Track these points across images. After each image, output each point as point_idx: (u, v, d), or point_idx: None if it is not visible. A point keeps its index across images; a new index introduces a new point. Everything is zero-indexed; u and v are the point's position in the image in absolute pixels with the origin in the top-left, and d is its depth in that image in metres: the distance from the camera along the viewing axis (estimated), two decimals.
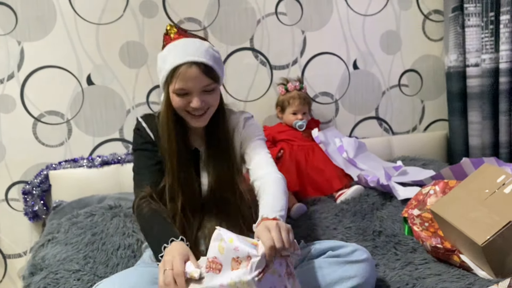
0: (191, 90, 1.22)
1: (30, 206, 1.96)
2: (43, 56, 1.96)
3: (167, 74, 1.22)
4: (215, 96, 1.26)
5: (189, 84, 1.21)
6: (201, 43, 1.25)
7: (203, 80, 1.21)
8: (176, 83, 1.21)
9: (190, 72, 1.20)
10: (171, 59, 1.22)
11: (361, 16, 2.24)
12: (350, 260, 1.14)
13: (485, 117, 2.11)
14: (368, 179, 1.82)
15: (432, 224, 1.44)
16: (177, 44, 1.25)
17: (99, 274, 1.33)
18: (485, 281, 1.19)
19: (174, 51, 1.23)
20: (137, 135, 1.34)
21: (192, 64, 1.20)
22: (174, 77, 1.21)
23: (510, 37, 1.97)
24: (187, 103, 1.23)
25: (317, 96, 2.26)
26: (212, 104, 1.26)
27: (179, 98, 1.23)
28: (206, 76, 1.21)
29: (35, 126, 1.99)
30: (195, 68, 1.20)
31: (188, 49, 1.22)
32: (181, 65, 1.20)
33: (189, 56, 1.20)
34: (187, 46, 1.23)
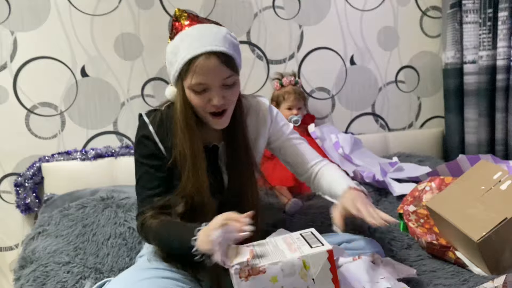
0: (210, 85, 1.07)
1: (22, 198, 1.94)
2: (36, 47, 1.93)
3: (181, 67, 1.07)
4: (236, 90, 1.12)
5: (208, 78, 1.06)
6: (218, 29, 1.09)
7: (224, 72, 1.06)
8: (193, 78, 1.05)
9: (209, 63, 1.04)
10: (185, 50, 1.06)
11: (359, 11, 2.23)
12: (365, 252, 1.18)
13: (482, 114, 2.10)
14: (363, 175, 1.81)
15: (427, 221, 1.43)
16: (190, 32, 1.08)
17: (89, 265, 1.31)
18: (480, 278, 1.19)
19: (188, 40, 1.06)
20: (142, 144, 1.17)
21: (210, 54, 1.04)
22: (190, 71, 1.05)
23: (508, 34, 1.96)
24: (207, 101, 1.09)
25: (313, 92, 2.25)
26: (233, 100, 1.13)
27: (197, 96, 1.08)
28: (227, 67, 1.06)
29: (28, 118, 1.96)
30: (214, 58, 1.04)
31: (204, 37, 1.06)
32: (198, 56, 1.04)
33: (207, 46, 1.04)
34: (203, 33, 1.07)
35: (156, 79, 2.05)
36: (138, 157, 1.19)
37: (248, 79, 2.16)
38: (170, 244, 1.08)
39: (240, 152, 1.20)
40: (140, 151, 1.18)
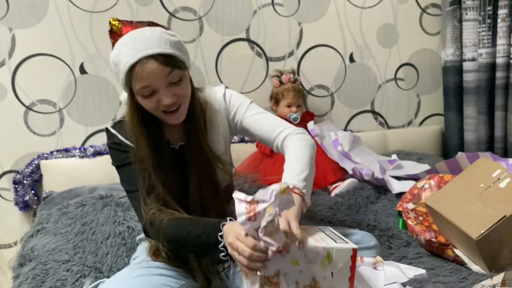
0: (156, 87, 1.08)
1: (21, 196, 1.94)
2: (35, 44, 1.92)
3: (124, 77, 1.08)
4: (185, 85, 1.13)
5: (151, 81, 1.07)
6: (151, 31, 1.09)
7: (164, 71, 1.07)
8: (137, 84, 1.07)
9: (148, 68, 1.05)
10: (124, 59, 1.07)
11: (358, 9, 2.22)
12: (361, 247, 1.17)
13: (481, 112, 2.10)
14: (363, 172, 1.81)
15: (426, 218, 1.44)
16: (125, 41, 1.08)
17: (88, 264, 1.31)
18: (479, 276, 1.19)
19: (124, 49, 1.07)
20: (116, 150, 1.18)
21: (147, 58, 1.05)
22: (132, 79, 1.06)
23: (507, 31, 1.96)
24: (158, 102, 1.10)
25: (313, 89, 2.24)
26: (184, 95, 1.13)
27: (146, 99, 1.10)
28: (167, 67, 1.07)
29: (27, 115, 1.96)
30: (152, 62, 1.05)
31: (138, 43, 1.06)
32: (136, 63, 1.05)
33: (142, 51, 1.05)
34: (136, 40, 1.07)
35: None
36: (116, 163, 1.20)
37: (247, 77, 2.15)
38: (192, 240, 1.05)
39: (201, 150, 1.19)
40: (115, 157, 1.20)
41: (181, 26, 2.04)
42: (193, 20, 2.05)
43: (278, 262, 0.91)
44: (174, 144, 1.23)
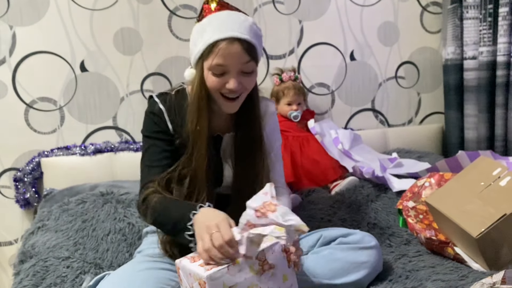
0: (229, 69, 1.11)
1: (22, 193, 1.94)
2: (35, 41, 1.92)
3: (204, 48, 1.11)
4: (252, 78, 1.16)
5: (228, 61, 1.10)
6: (245, 18, 1.14)
7: (244, 58, 1.11)
8: (214, 59, 1.10)
9: (232, 48, 1.09)
10: (211, 32, 1.10)
11: (359, 7, 2.22)
12: (362, 247, 1.20)
13: (482, 110, 2.10)
14: (363, 170, 1.81)
15: (426, 216, 1.44)
16: (219, 16, 1.13)
17: (88, 260, 1.32)
18: (479, 274, 1.19)
19: (215, 23, 1.11)
20: (151, 120, 1.20)
21: (235, 40, 1.09)
22: (212, 52, 1.09)
23: (508, 29, 1.96)
24: (223, 84, 1.12)
25: (313, 87, 2.24)
26: (248, 87, 1.16)
27: (214, 77, 1.12)
28: (248, 55, 1.11)
29: (27, 113, 1.96)
30: (237, 44, 1.09)
31: (231, 23, 1.10)
32: (223, 39, 1.08)
33: (233, 31, 1.09)
34: (230, 19, 1.12)
35: (156, 74, 2.05)
36: (145, 132, 1.21)
37: None
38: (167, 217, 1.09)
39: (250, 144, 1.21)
40: (148, 127, 1.21)
41: (182, 24, 2.04)
42: (194, 18, 2.05)
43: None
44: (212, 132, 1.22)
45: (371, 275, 1.21)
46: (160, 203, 1.11)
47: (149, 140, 1.20)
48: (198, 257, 0.97)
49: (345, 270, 1.17)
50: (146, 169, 1.19)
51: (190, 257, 1.00)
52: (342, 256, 1.18)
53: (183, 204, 1.09)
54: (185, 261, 0.99)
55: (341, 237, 1.24)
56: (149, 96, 1.24)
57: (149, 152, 1.20)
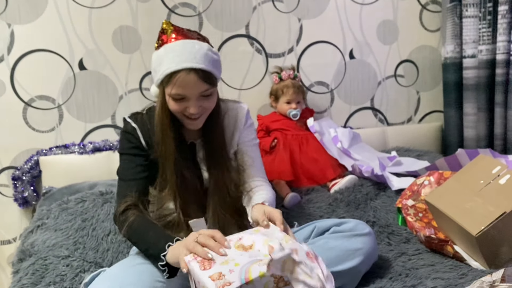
0: (188, 97, 1.18)
1: (20, 192, 1.94)
2: (34, 40, 1.91)
3: (163, 77, 1.18)
4: (212, 100, 1.24)
5: (186, 91, 1.17)
6: (200, 46, 1.19)
7: (201, 87, 1.18)
8: (173, 89, 1.17)
9: (188, 79, 1.15)
10: (168, 63, 1.17)
11: (358, 5, 2.22)
12: (355, 234, 1.23)
13: (481, 109, 2.10)
14: (362, 169, 1.81)
15: (426, 215, 1.44)
16: (174, 47, 1.19)
17: (88, 259, 1.31)
18: (478, 272, 1.19)
19: (171, 54, 1.17)
20: (125, 139, 1.28)
21: (190, 70, 1.15)
22: (170, 83, 1.17)
23: (507, 28, 1.96)
24: (184, 108, 1.20)
25: (312, 86, 2.24)
26: (209, 108, 1.24)
27: (175, 102, 1.19)
28: (205, 83, 1.18)
29: (26, 111, 1.95)
30: (193, 75, 1.16)
31: (186, 54, 1.17)
32: (179, 71, 1.15)
33: (188, 62, 1.16)
34: (185, 49, 1.18)
35: None
36: (121, 150, 1.29)
37: (247, 73, 2.15)
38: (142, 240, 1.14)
39: (216, 148, 1.30)
40: (123, 145, 1.29)
41: (181, 22, 2.03)
42: (193, 16, 2.05)
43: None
44: (186, 140, 1.32)
45: (366, 262, 1.22)
46: (137, 223, 1.16)
47: (125, 157, 1.28)
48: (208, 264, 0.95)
49: (340, 258, 1.18)
50: (123, 182, 1.26)
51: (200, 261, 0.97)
52: (336, 244, 1.20)
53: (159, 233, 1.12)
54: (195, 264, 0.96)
55: (335, 226, 1.27)
56: (123, 118, 1.31)
57: (125, 167, 1.27)
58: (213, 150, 1.30)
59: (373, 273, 1.24)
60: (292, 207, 1.71)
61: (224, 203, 1.28)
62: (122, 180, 1.26)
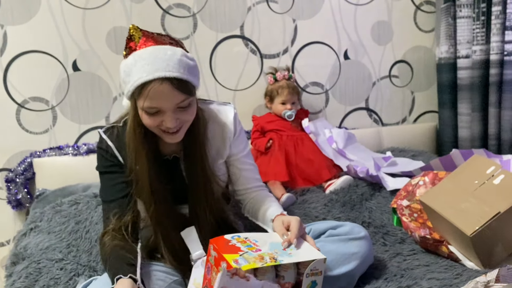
0: (163, 109, 1.06)
1: (13, 194, 1.92)
2: (27, 41, 1.90)
3: (133, 89, 1.05)
4: (191, 111, 1.11)
5: (160, 103, 1.04)
6: (173, 52, 1.06)
7: (177, 98, 1.05)
8: (145, 102, 1.04)
9: (161, 89, 1.02)
10: (138, 73, 1.03)
11: (353, 6, 2.22)
12: (351, 237, 1.21)
13: (475, 109, 2.11)
14: (357, 169, 1.81)
15: (421, 215, 1.44)
16: (143, 55, 1.05)
17: (82, 262, 1.30)
18: (473, 272, 1.19)
19: (141, 63, 1.04)
20: (102, 156, 1.19)
21: (163, 80, 1.02)
22: (142, 95, 1.04)
23: (501, 28, 1.97)
24: (160, 122, 1.08)
25: (307, 86, 2.24)
26: (187, 120, 1.12)
27: (149, 117, 1.07)
28: (181, 92, 1.05)
29: (19, 113, 1.94)
30: (166, 84, 1.03)
31: (157, 62, 1.03)
32: (150, 81, 1.02)
33: (160, 71, 1.02)
34: (156, 57, 1.04)
35: None
36: (99, 168, 1.21)
37: (242, 74, 2.14)
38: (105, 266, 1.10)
39: (196, 164, 1.19)
40: (100, 163, 1.20)
41: (175, 23, 2.03)
42: (187, 17, 2.04)
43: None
44: (167, 155, 1.22)
45: (362, 266, 1.21)
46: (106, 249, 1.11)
47: (104, 175, 1.20)
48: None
49: (336, 262, 1.17)
50: (105, 205, 1.18)
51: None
52: (332, 248, 1.18)
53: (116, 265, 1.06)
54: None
55: (331, 229, 1.25)
56: (98, 132, 1.22)
57: (104, 187, 1.20)
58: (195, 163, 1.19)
59: (368, 274, 1.24)
60: (287, 207, 1.71)
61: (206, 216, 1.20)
62: (104, 202, 1.19)
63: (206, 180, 1.21)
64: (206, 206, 1.20)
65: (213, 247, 1.00)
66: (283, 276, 1.03)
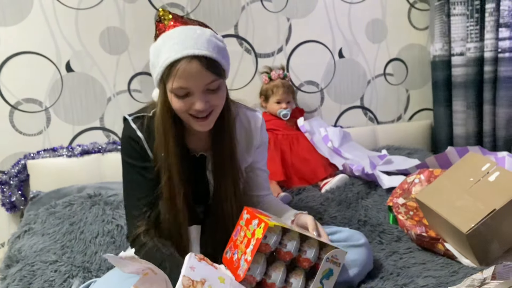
0: (192, 90, 1.03)
1: (8, 196, 1.91)
2: (20, 42, 1.89)
3: (162, 71, 1.04)
4: (221, 94, 1.08)
5: (190, 83, 1.02)
6: (202, 31, 1.05)
7: (207, 77, 1.03)
8: (174, 82, 1.02)
9: (191, 68, 1.01)
10: (167, 53, 1.02)
11: (347, 4, 2.22)
12: (350, 244, 1.19)
13: (470, 106, 2.11)
14: (353, 168, 1.81)
15: (416, 213, 1.44)
16: (172, 34, 1.04)
17: (76, 264, 1.29)
18: (469, 269, 1.19)
19: (170, 42, 1.03)
20: (131, 146, 1.13)
21: (192, 58, 1.01)
22: (171, 75, 1.02)
23: (495, 25, 1.97)
24: (189, 105, 1.05)
25: (302, 85, 2.23)
26: (217, 104, 1.09)
27: (179, 99, 1.05)
28: (210, 72, 1.03)
29: (12, 114, 1.92)
30: (196, 63, 1.01)
31: (187, 40, 1.02)
32: (179, 60, 1.01)
33: (189, 49, 1.01)
34: (185, 36, 1.03)
35: (143, 74, 2.03)
36: (127, 158, 1.15)
37: (237, 73, 2.14)
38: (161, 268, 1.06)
39: (226, 160, 1.16)
40: (128, 152, 1.15)
41: None
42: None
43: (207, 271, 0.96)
44: (195, 152, 1.19)
45: (361, 274, 1.20)
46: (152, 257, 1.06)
47: (132, 169, 1.14)
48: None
49: None
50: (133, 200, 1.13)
51: None
52: None
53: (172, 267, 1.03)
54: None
55: (329, 235, 1.22)
56: (124, 118, 1.17)
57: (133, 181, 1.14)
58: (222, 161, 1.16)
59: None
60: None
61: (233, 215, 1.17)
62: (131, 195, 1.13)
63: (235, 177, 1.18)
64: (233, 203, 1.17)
65: (247, 211, 1.08)
66: (305, 251, 1.04)
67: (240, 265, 1.01)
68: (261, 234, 0.99)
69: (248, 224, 1.05)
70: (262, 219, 1.01)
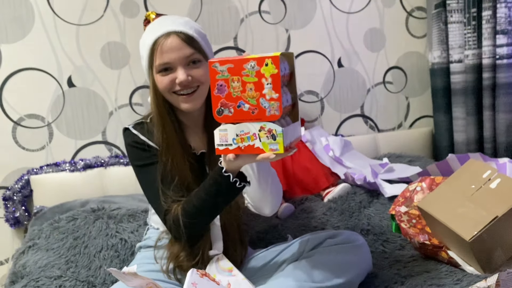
0: (173, 63, 1.11)
1: (11, 212, 1.91)
2: (21, 58, 1.91)
3: (147, 53, 1.13)
4: (203, 70, 1.13)
5: (170, 56, 1.10)
6: (180, 17, 1.17)
7: (185, 50, 1.11)
8: (157, 59, 1.11)
9: (169, 42, 1.10)
10: (148, 37, 1.13)
11: (345, 14, 2.24)
12: (349, 246, 1.21)
13: (470, 113, 2.12)
14: (355, 177, 1.82)
15: (419, 221, 1.44)
16: (154, 23, 1.16)
17: (81, 278, 1.30)
18: (473, 277, 1.19)
19: (151, 27, 1.15)
20: (138, 149, 1.18)
21: (170, 33, 1.11)
22: (154, 54, 1.11)
23: (492, 32, 1.98)
24: (173, 81, 1.11)
25: (302, 95, 2.25)
26: (200, 80, 1.14)
27: (163, 77, 1.12)
28: (188, 45, 1.11)
29: (15, 130, 1.94)
30: (173, 37, 1.10)
31: (166, 22, 1.13)
32: (159, 37, 1.11)
33: (167, 27, 1.11)
34: (164, 19, 1.15)
35: (144, 87, 2.04)
36: (137, 161, 1.19)
37: None
38: (207, 200, 1.08)
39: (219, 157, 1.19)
40: (137, 156, 1.19)
41: None
42: None
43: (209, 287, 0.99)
44: (195, 150, 1.22)
45: (361, 274, 1.21)
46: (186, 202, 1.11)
47: (145, 168, 1.17)
48: None
49: (335, 272, 1.16)
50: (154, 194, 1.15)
51: None
52: (330, 258, 1.18)
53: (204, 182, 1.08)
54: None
55: (328, 238, 1.24)
56: (124, 128, 1.22)
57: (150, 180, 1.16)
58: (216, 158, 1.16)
59: (368, 282, 1.24)
60: (286, 217, 1.71)
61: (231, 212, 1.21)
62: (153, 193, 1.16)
63: None
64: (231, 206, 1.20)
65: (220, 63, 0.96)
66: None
67: (266, 108, 0.95)
68: (275, 69, 0.93)
69: (237, 72, 0.95)
70: (261, 57, 0.94)
